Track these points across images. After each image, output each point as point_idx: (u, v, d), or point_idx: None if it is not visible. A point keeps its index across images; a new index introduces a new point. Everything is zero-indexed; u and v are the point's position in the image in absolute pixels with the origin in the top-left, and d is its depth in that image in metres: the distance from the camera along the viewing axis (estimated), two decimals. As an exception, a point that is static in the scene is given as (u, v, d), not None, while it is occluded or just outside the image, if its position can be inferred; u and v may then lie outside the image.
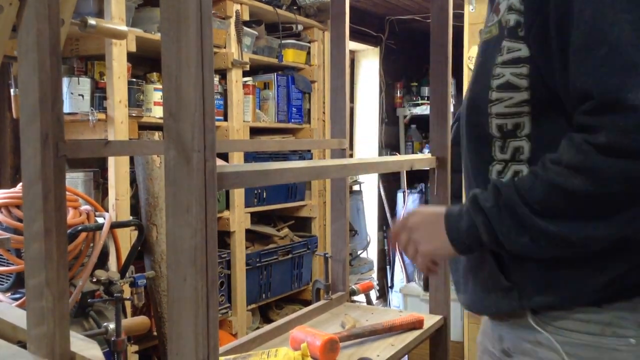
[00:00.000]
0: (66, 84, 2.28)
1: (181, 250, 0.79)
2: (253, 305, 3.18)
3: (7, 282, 1.87)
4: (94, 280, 1.75)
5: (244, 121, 3.07)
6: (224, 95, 3.00)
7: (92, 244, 1.93)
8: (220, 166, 0.83)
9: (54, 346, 1.07)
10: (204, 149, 0.78)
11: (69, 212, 1.90)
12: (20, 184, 1.13)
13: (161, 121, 0.84)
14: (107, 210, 2.29)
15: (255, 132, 3.23)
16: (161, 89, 0.80)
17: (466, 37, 2.96)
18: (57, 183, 1.06)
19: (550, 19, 0.89)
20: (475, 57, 1.08)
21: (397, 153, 5.00)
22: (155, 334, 2.62)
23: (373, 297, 4.21)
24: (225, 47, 2.95)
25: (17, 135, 1.22)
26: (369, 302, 3.69)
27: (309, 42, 3.60)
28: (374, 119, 4.88)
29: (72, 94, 2.30)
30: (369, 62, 4.91)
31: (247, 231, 3.12)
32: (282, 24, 3.34)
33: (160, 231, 2.59)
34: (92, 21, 1.50)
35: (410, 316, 1.67)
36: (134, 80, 2.48)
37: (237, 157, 2.97)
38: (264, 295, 3.25)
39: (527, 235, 0.88)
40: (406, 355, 1.65)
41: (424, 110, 4.89)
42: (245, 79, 3.12)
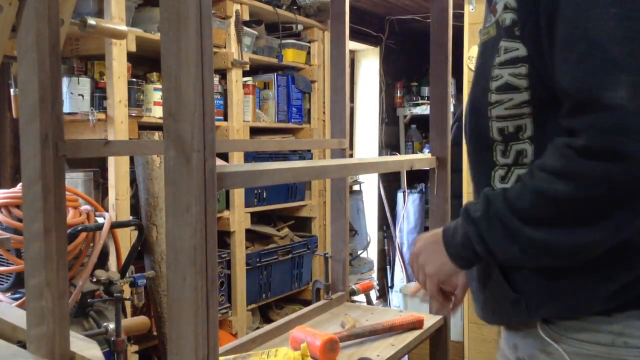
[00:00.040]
0: (66, 84, 2.28)
1: (181, 250, 0.79)
2: (253, 305, 3.17)
3: (7, 282, 1.87)
4: (94, 280, 1.75)
5: (244, 121, 3.07)
6: (224, 95, 3.00)
7: (92, 244, 1.93)
8: (220, 166, 0.83)
9: (53, 346, 1.07)
10: (203, 149, 0.78)
11: (69, 212, 1.90)
12: (20, 184, 1.13)
13: (161, 121, 0.83)
14: (107, 210, 2.29)
15: (255, 132, 3.23)
16: (161, 88, 0.80)
17: (466, 37, 2.96)
18: (56, 183, 1.06)
19: (541, 16, 0.86)
20: (475, 59, 1.05)
21: (397, 153, 4.99)
22: (155, 334, 2.62)
23: (373, 297, 4.20)
24: (225, 47, 2.95)
25: (17, 135, 1.22)
26: (369, 302, 3.70)
27: (309, 42, 3.59)
28: (374, 119, 4.87)
29: (72, 94, 2.30)
30: (369, 62, 4.91)
31: (247, 231, 3.12)
32: (282, 23, 3.34)
33: (160, 231, 2.59)
34: (91, 21, 1.50)
35: (410, 316, 1.67)
36: (134, 80, 2.48)
37: (237, 157, 2.97)
38: (264, 295, 3.25)
39: (517, 245, 0.86)
40: (406, 355, 1.65)
41: (424, 110, 4.89)
42: (245, 79, 3.12)
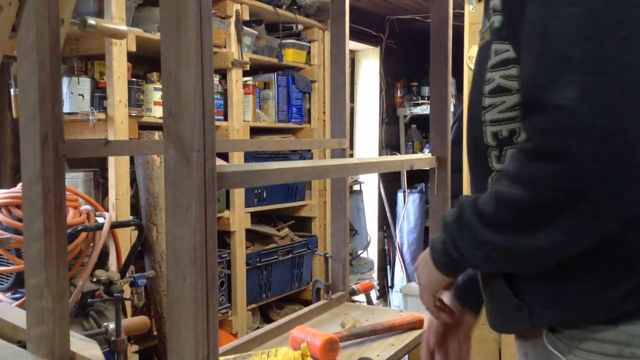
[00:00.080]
0: (66, 83, 2.28)
1: (181, 250, 0.79)
2: (253, 305, 3.17)
3: (7, 282, 1.87)
4: (94, 280, 1.75)
5: (244, 121, 3.06)
6: (224, 95, 3.00)
7: (92, 244, 1.93)
8: (220, 166, 0.83)
9: (54, 346, 1.07)
10: (203, 149, 0.78)
11: (69, 212, 1.90)
12: (20, 184, 1.13)
13: (161, 121, 0.83)
14: (107, 210, 2.29)
15: (255, 132, 3.23)
16: (161, 88, 0.80)
17: (466, 37, 2.96)
18: (56, 183, 1.06)
19: (515, 15, 0.85)
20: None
21: (397, 153, 4.99)
22: (155, 334, 2.62)
23: (373, 297, 4.20)
24: (225, 47, 2.95)
25: (17, 135, 1.22)
26: (369, 302, 3.70)
27: (309, 42, 3.59)
28: (374, 119, 4.87)
29: (72, 93, 2.30)
30: (369, 62, 4.91)
31: (247, 231, 3.12)
32: (282, 23, 3.34)
33: (160, 231, 2.59)
34: (91, 21, 1.51)
35: (410, 316, 1.67)
36: (134, 80, 2.48)
37: (237, 157, 2.97)
38: (264, 295, 3.25)
39: (482, 250, 0.85)
40: (406, 355, 1.65)
41: (424, 110, 4.89)
42: (246, 78, 3.12)
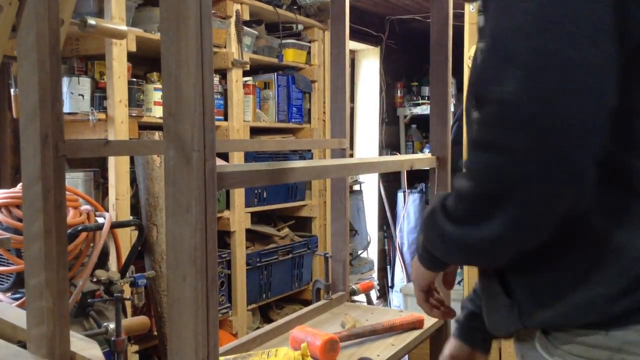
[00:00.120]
0: (66, 83, 2.28)
1: (181, 250, 0.79)
2: (253, 305, 3.17)
3: (7, 282, 1.87)
4: (94, 280, 1.75)
5: (244, 121, 3.07)
6: (224, 95, 3.00)
7: (92, 244, 1.93)
8: (220, 166, 0.83)
9: (54, 346, 1.07)
10: (203, 149, 0.78)
11: (69, 212, 1.90)
12: (20, 184, 1.13)
13: (161, 121, 0.83)
14: (107, 210, 2.29)
15: (255, 132, 3.23)
16: (161, 88, 0.80)
17: (466, 37, 2.96)
18: (57, 183, 1.06)
19: (486, 15, 0.87)
20: None
21: (397, 153, 4.99)
22: (155, 334, 2.62)
23: (373, 297, 4.20)
24: (225, 47, 2.95)
25: (17, 135, 1.22)
26: (369, 302, 3.70)
27: (309, 42, 3.59)
28: (374, 119, 4.87)
29: (72, 93, 2.30)
30: (369, 62, 4.91)
31: (248, 231, 3.12)
32: (283, 23, 3.34)
33: (160, 231, 2.59)
34: (92, 21, 1.51)
35: (410, 316, 1.67)
36: (134, 80, 2.48)
37: (237, 157, 2.97)
38: (264, 295, 3.25)
39: (446, 243, 0.87)
40: (406, 355, 1.65)
41: (424, 110, 4.89)
42: (246, 78, 3.12)
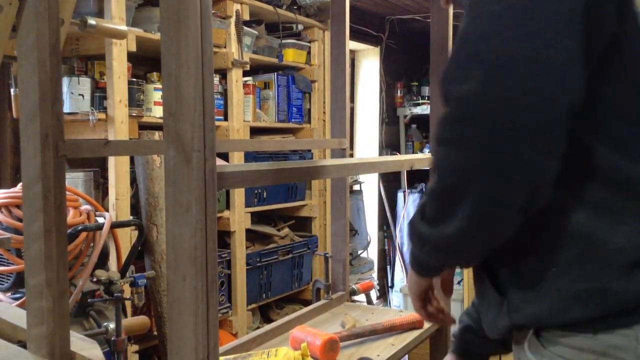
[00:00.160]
0: (66, 83, 2.28)
1: (181, 250, 0.79)
2: (253, 305, 3.17)
3: (7, 282, 1.87)
4: (94, 280, 1.75)
5: (244, 121, 3.06)
6: (224, 95, 3.00)
7: (92, 244, 1.93)
8: (220, 166, 0.83)
9: (54, 346, 1.07)
10: (203, 149, 0.78)
11: (69, 212, 1.90)
12: (20, 184, 1.13)
13: (161, 121, 0.83)
14: (107, 210, 2.29)
15: (255, 132, 3.23)
16: (161, 88, 0.80)
17: (466, 37, 2.95)
18: (57, 183, 1.06)
19: None
20: None
21: (397, 153, 4.99)
22: (155, 334, 2.62)
23: (373, 296, 4.20)
24: (225, 47, 2.95)
25: (17, 135, 1.22)
26: (369, 301, 3.70)
27: (309, 42, 3.59)
28: (374, 119, 4.87)
29: (72, 93, 2.30)
30: (369, 61, 4.91)
31: (248, 231, 3.12)
32: (283, 23, 3.34)
33: (160, 231, 2.59)
34: (92, 21, 1.51)
35: (410, 316, 1.67)
36: (134, 80, 2.48)
37: (237, 157, 2.97)
38: (264, 295, 3.25)
39: (424, 244, 0.88)
40: (406, 355, 1.65)
41: (424, 109, 4.89)
42: (246, 78, 3.11)
